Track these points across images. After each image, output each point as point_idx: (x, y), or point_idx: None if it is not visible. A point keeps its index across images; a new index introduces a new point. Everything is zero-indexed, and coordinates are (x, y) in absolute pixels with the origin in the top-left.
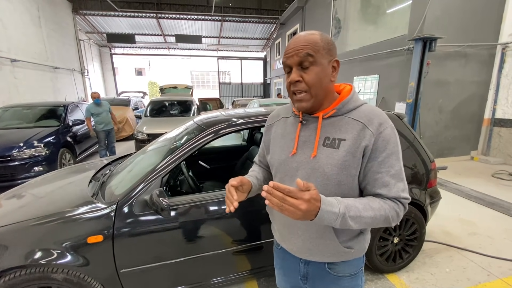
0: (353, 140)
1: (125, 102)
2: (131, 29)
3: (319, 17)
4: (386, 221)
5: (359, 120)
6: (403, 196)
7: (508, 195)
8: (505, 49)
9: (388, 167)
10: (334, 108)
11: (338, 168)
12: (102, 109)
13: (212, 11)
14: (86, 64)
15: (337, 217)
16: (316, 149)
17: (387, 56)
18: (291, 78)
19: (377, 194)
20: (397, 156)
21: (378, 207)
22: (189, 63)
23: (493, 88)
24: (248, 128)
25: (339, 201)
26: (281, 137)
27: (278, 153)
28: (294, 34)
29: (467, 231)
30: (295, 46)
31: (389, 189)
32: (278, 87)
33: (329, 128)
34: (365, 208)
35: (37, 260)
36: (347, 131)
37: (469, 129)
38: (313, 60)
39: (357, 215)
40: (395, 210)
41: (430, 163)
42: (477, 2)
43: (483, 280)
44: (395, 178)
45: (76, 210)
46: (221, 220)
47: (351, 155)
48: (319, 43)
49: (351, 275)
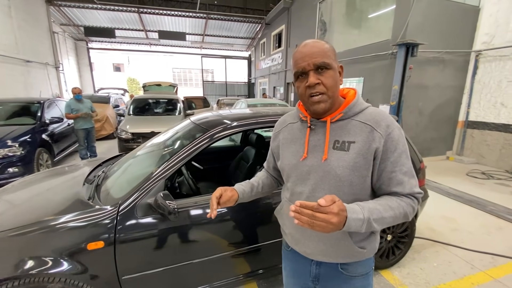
0: (363, 143)
1: (104, 100)
2: (110, 23)
3: (305, 19)
4: (405, 217)
5: (366, 123)
6: (416, 191)
7: (483, 192)
8: (478, 56)
9: (400, 165)
10: (341, 112)
11: (349, 169)
12: (83, 106)
13: (197, 8)
14: (60, 58)
15: (363, 222)
16: (326, 152)
17: (372, 60)
18: (310, 82)
19: (392, 192)
20: (406, 155)
21: (396, 205)
22: (171, 60)
23: (467, 93)
24: (253, 129)
25: (362, 207)
26: (290, 143)
27: (288, 158)
28: (280, 35)
29: (450, 227)
30: (311, 53)
31: (403, 187)
32: (263, 87)
33: (337, 132)
34: (385, 209)
35: (31, 270)
36: (356, 134)
37: (445, 130)
38: (329, 63)
39: (380, 217)
40: (411, 206)
41: (419, 163)
42: (454, 11)
43: (467, 273)
44: (407, 175)
45: (73, 215)
46: (227, 222)
47: (362, 156)
48: (329, 49)
49: (363, 275)
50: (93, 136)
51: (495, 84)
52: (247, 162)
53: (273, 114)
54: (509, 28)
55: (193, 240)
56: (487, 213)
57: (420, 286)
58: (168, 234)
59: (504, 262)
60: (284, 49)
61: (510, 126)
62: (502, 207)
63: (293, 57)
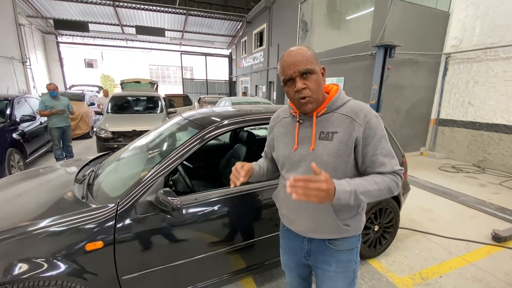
0: (344, 132)
1: (79, 97)
2: (82, 16)
3: (287, 18)
4: (389, 191)
5: (347, 115)
6: (397, 168)
7: (454, 185)
8: (448, 58)
9: (380, 149)
10: (325, 107)
11: (333, 156)
12: (58, 103)
13: (177, 4)
14: (27, 52)
15: (350, 194)
16: (313, 143)
17: (352, 60)
18: (298, 87)
19: (377, 172)
20: (385, 139)
21: (381, 181)
22: (148, 57)
23: (438, 92)
24: (252, 125)
25: (348, 181)
26: (283, 136)
27: (282, 149)
28: (261, 34)
29: (427, 217)
30: (295, 61)
31: (385, 167)
32: (244, 85)
33: (322, 124)
34: (370, 183)
35: (24, 274)
36: (338, 125)
37: (419, 128)
38: (312, 69)
39: (366, 190)
40: (394, 181)
41: (402, 158)
42: (427, 16)
43: (446, 258)
44: (388, 156)
45: (69, 215)
46: (228, 218)
47: (344, 144)
48: (311, 56)
49: (348, 250)
50: (68, 136)
51: (463, 85)
52: (237, 160)
53: (268, 111)
54: (475, 33)
55: (194, 236)
56: (459, 203)
57: (405, 272)
58: (169, 231)
59: (477, 247)
60: (266, 48)
61: (477, 124)
62: (472, 198)
63: (280, 65)
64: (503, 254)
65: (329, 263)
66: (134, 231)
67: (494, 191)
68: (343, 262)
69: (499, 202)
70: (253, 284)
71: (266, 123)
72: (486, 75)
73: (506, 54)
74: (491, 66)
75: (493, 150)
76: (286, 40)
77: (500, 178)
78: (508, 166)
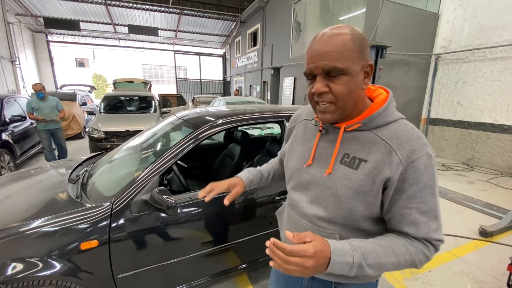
0: (375, 164)
1: (70, 97)
2: (73, 15)
3: (280, 18)
4: (412, 265)
5: (387, 141)
6: (434, 237)
7: (444, 182)
8: (438, 59)
9: (419, 202)
10: (360, 122)
11: (353, 191)
12: (45, 104)
13: (170, 3)
14: (16, 51)
15: (351, 267)
16: (332, 165)
17: None
18: (316, 89)
19: (403, 232)
20: (431, 190)
21: (403, 251)
22: (141, 56)
23: (429, 92)
24: (243, 126)
25: (354, 248)
26: (299, 143)
27: (293, 160)
28: (255, 34)
29: None
30: (322, 53)
31: (417, 228)
32: (239, 85)
33: (350, 144)
34: (386, 253)
35: (19, 273)
36: (370, 151)
37: None
38: (343, 68)
39: (377, 262)
40: (424, 253)
41: None
42: (417, 17)
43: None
44: (427, 215)
45: (63, 214)
46: (222, 216)
47: (371, 180)
48: (351, 46)
49: None
50: (59, 138)
51: (452, 85)
52: (232, 159)
53: (263, 110)
54: (463, 34)
55: (188, 235)
56: (448, 200)
57: None
58: (164, 230)
59: (465, 242)
60: (260, 48)
61: (465, 123)
62: (460, 195)
63: (306, 51)
64: (490, 249)
65: None
66: (129, 230)
67: (481, 188)
68: None
69: (486, 199)
70: (247, 282)
71: (260, 123)
72: (474, 75)
73: (493, 55)
74: (479, 67)
75: (481, 149)
76: (280, 40)
77: (488, 175)
78: (495, 164)
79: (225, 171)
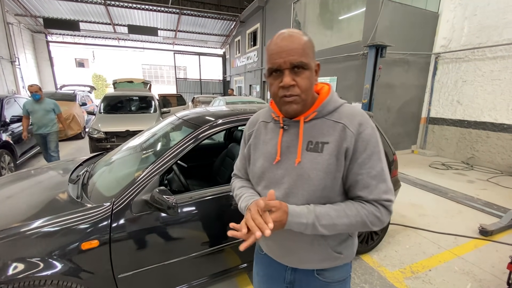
0: (336, 143)
1: (70, 97)
2: (73, 15)
3: (280, 18)
4: (364, 226)
5: (339, 122)
6: (384, 198)
7: (444, 181)
8: (438, 58)
9: (368, 168)
10: (315, 111)
11: (323, 172)
12: (39, 107)
13: (169, 3)
14: (16, 51)
15: (306, 226)
16: (300, 154)
17: (344, 60)
18: (285, 82)
19: (357, 196)
20: (378, 157)
21: (354, 213)
22: (140, 56)
23: (429, 91)
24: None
25: (310, 211)
26: (262, 144)
27: (261, 161)
28: (255, 33)
29: (417, 213)
30: (289, 49)
31: (369, 191)
32: (238, 85)
33: (311, 132)
34: (339, 215)
35: (20, 273)
36: (329, 134)
37: (410, 126)
38: (307, 63)
39: (330, 223)
40: (375, 215)
41: (393, 155)
42: (417, 17)
43: (435, 252)
44: (376, 179)
45: (64, 214)
46: (222, 215)
47: (335, 158)
48: (309, 46)
49: (339, 281)
50: (51, 142)
51: (452, 84)
52: (232, 159)
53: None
54: (463, 33)
55: (189, 234)
56: (448, 199)
57: (396, 266)
58: (165, 230)
59: (465, 241)
60: (260, 47)
61: (465, 122)
62: (460, 194)
63: (267, 49)
64: (490, 248)
65: None
66: (129, 230)
67: (481, 187)
68: None
69: (486, 198)
70: (248, 281)
71: None
72: (474, 74)
73: (493, 54)
74: (478, 66)
75: (481, 148)
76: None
77: (488, 174)
78: (495, 163)
79: (225, 171)
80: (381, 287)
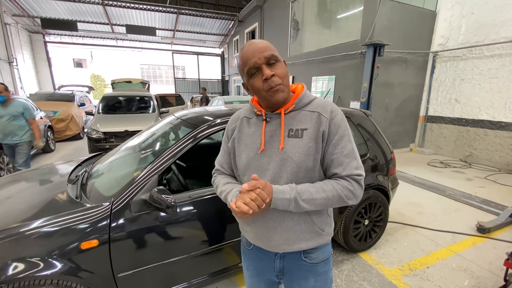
0: (314, 128)
1: (68, 97)
2: (70, 15)
3: (278, 17)
4: (340, 200)
5: (314, 111)
6: (355, 173)
7: (442, 179)
8: (436, 57)
9: (341, 147)
10: (293, 103)
11: (304, 154)
12: (5, 111)
13: (167, 2)
14: (14, 52)
15: (289, 202)
16: (282, 141)
17: (343, 59)
18: (266, 74)
19: (333, 173)
20: (348, 138)
21: (330, 188)
22: (139, 56)
23: (427, 90)
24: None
25: (292, 188)
26: (246, 136)
27: (246, 152)
28: (253, 33)
29: (416, 211)
30: (258, 48)
31: (343, 168)
32: (237, 85)
33: (291, 121)
34: (317, 191)
35: (20, 273)
36: (307, 122)
37: (409, 125)
38: (276, 56)
39: (310, 198)
40: (348, 189)
41: (390, 153)
42: (415, 15)
43: (433, 250)
44: (348, 157)
45: (64, 214)
46: (221, 214)
47: (314, 141)
48: (272, 45)
49: (324, 261)
50: (20, 154)
51: (449, 82)
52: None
53: None
54: (461, 31)
55: (188, 233)
56: (446, 197)
57: (394, 264)
58: (164, 229)
59: (463, 238)
60: None
61: (463, 120)
62: (458, 192)
63: (241, 57)
64: (487, 245)
65: (306, 278)
66: (128, 229)
67: (479, 184)
68: (322, 275)
69: (484, 195)
70: None
71: None
72: (472, 72)
73: (490, 52)
74: (476, 64)
75: (479, 146)
76: (278, 39)
77: (486, 172)
78: (493, 161)
79: None
80: (379, 284)
